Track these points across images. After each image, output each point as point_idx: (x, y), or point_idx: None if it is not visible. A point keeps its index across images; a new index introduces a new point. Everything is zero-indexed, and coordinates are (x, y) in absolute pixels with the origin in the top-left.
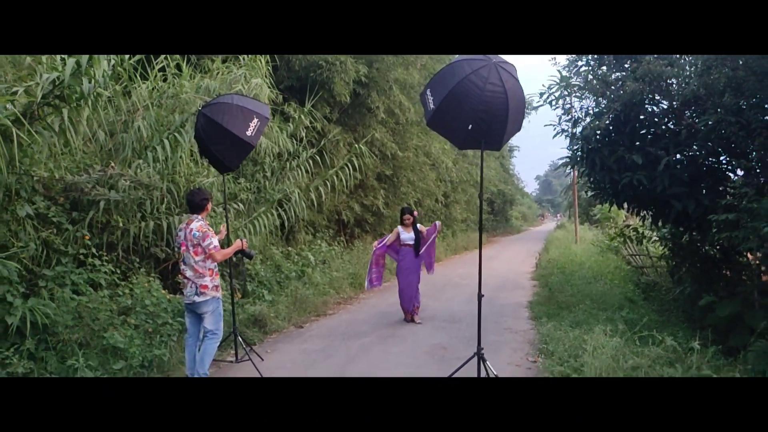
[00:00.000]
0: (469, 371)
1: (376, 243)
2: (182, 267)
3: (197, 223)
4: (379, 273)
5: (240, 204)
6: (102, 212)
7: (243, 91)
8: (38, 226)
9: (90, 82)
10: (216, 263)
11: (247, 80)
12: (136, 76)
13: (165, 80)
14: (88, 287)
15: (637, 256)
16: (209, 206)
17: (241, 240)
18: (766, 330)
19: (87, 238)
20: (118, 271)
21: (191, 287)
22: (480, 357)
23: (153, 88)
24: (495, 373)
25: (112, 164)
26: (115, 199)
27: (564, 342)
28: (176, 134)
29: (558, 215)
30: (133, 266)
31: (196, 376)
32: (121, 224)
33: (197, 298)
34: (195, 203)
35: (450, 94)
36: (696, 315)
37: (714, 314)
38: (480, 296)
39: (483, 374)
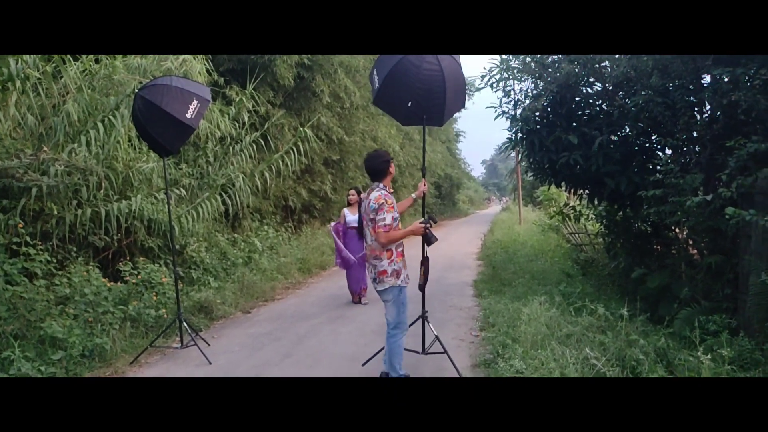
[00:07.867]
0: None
1: (331, 225)
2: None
3: (376, 193)
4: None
5: (182, 189)
6: (34, 200)
7: (172, 69)
8: None
9: (18, 63)
10: (393, 242)
11: (177, 57)
12: (67, 57)
13: (97, 61)
14: (23, 277)
15: (576, 234)
16: (392, 169)
17: (423, 223)
18: (689, 298)
19: (21, 226)
20: (55, 261)
21: (371, 270)
22: (424, 318)
23: (84, 70)
24: (435, 333)
25: (45, 148)
26: (48, 185)
27: (504, 314)
28: (111, 117)
29: (504, 198)
30: (70, 256)
31: (392, 375)
32: (55, 212)
33: (377, 286)
34: (373, 168)
35: (390, 74)
36: (629, 287)
37: (645, 286)
38: (425, 258)
39: (428, 334)
